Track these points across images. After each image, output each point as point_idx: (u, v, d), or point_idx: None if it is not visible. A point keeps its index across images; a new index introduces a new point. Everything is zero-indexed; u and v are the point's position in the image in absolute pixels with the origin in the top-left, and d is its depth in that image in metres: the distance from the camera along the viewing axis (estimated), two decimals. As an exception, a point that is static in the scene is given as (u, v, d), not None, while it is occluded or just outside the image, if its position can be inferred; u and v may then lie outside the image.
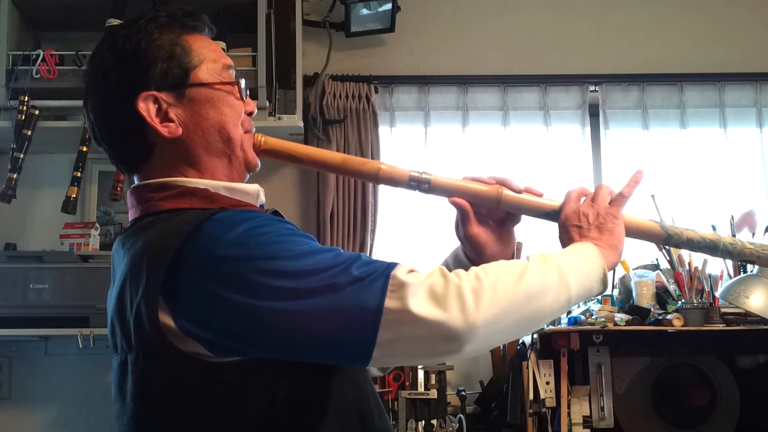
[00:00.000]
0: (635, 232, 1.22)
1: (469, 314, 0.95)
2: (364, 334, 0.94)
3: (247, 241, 0.98)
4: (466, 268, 1.02)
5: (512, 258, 1.29)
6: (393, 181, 1.22)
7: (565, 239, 1.18)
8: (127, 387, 1.04)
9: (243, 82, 1.17)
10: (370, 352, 0.94)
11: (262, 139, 1.19)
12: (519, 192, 1.23)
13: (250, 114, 1.18)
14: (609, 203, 1.19)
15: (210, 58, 1.14)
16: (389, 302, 0.94)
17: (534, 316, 1.03)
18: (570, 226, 1.18)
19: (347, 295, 0.95)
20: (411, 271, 0.98)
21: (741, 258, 1.26)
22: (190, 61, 1.12)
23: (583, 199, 1.21)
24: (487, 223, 1.27)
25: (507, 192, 1.23)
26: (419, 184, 1.21)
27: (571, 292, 1.06)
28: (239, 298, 0.95)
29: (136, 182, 1.14)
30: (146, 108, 1.08)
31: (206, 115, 1.11)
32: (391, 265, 0.98)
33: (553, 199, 1.24)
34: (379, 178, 1.22)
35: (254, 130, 1.20)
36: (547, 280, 1.04)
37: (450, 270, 1.01)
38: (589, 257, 1.11)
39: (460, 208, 1.24)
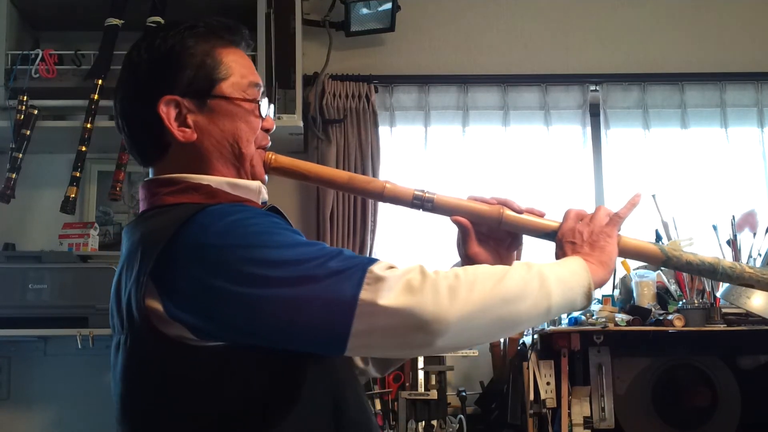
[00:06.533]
0: (635, 254, 1.25)
1: (442, 307, 0.98)
2: (339, 324, 0.97)
3: (233, 230, 1.02)
4: None
5: None
6: (397, 199, 1.25)
7: (559, 255, 1.21)
8: (118, 366, 1.10)
9: (265, 101, 1.20)
10: (345, 341, 0.98)
11: (273, 157, 1.23)
12: (520, 212, 1.26)
13: (267, 131, 1.21)
14: (605, 223, 1.21)
15: (238, 73, 1.17)
16: (364, 294, 0.97)
17: (510, 319, 1.05)
18: (565, 243, 1.20)
19: (325, 287, 0.98)
20: (390, 267, 1.01)
21: (740, 282, 1.28)
22: (218, 74, 1.15)
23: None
24: (488, 243, 1.29)
25: (508, 212, 1.25)
26: (423, 203, 1.24)
27: (551, 301, 1.07)
28: (221, 284, 0.99)
29: (150, 175, 1.19)
30: (166, 111, 1.13)
31: (223, 126, 1.15)
32: (371, 261, 1.01)
33: (553, 219, 1.26)
34: (384, 196, 1.25)
35: (269, 146, 1.23)
36: (527, 286, 1.06)
37: None
38: (575, 270, 1.13)
39: (461, 227, 1.27)
